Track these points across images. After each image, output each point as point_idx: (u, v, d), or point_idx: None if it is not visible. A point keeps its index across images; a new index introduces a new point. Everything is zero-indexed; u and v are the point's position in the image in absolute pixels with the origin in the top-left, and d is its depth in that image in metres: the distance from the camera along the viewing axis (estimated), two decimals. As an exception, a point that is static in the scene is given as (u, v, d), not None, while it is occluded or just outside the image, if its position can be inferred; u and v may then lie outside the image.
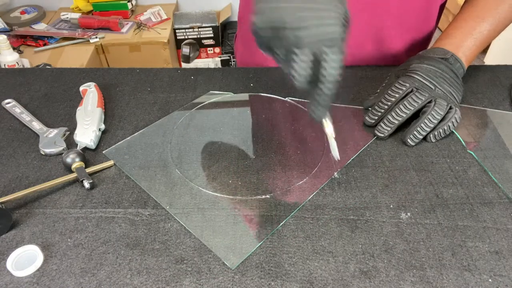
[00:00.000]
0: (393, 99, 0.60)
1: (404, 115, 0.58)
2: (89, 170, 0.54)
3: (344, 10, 0.39)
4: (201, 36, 2.14)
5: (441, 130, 0.58)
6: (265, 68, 0.76)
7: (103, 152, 0.58)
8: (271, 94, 0.69)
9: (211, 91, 0.70)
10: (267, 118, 0.65)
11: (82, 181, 0.53)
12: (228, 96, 0.69)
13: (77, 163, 0.54)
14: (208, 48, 2.20)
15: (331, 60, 0.39)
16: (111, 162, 0.55)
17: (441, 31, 0.69)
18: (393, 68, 0.68)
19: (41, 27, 1.87)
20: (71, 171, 0.54)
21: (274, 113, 0.66)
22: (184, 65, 2.19)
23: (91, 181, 0.52)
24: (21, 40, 1.79)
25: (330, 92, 0.41)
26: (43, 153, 0.58)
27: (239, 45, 0.90)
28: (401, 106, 0.58)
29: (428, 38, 0.80)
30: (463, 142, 0.60)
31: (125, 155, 0.58)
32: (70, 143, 0.60)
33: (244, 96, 0.69)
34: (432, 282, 0.43)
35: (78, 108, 0.64)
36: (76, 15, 1.93)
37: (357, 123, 0.63)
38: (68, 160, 0.54)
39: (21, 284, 0.43)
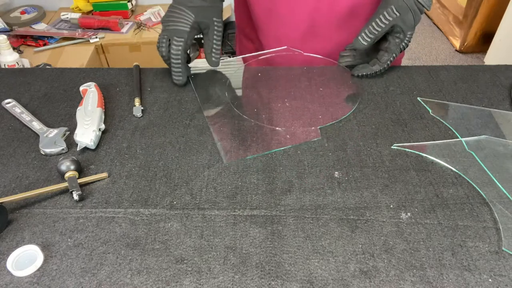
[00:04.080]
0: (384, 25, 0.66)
1: (383, 26, 0.66)
2: (81, 180, 0.53)
3: (195, 18, 0.67)
4: (201, 36, 2.14)
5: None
6: (269, 68, 0.76)
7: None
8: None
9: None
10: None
11: (71, 192, 0.52)
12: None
13: (70, 173, 0.53)
14: (208, 48, 2.20)
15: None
16: (105, 174, 0.55)
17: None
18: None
19: (41, 27, 1.86)
20: (64, 179, 0.53)
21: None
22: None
23: (80, 192, 0.51)
24: (21, 40, 1.79)
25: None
26: (43, 153, 0.58)
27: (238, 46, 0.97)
28: (381, 17, 0.66)
29: None
30: (463, 142, 0.60)
31: (125, 154, 0.58)
32: (70, 143, 0.60)
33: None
34: (432, 282, 0.43)
35: (78, 108, 0.64)
36: (76, 15, 1.93)
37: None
38: (63, 167, 0.53)
39: (21, 284, 0.43)
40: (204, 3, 0.67)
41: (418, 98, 0.68)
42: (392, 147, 0.59)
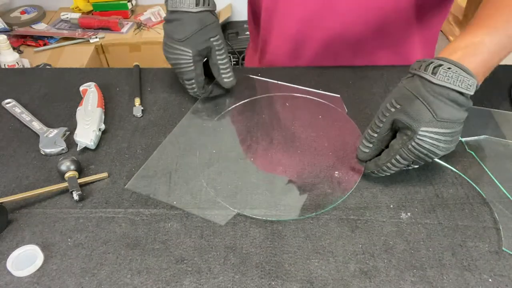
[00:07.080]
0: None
1: (381, 125, 0.50)
2: (81, 180, 0.53)
3: (192, 52, 0.62)
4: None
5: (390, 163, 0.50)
6: (272, 67, 0.76)
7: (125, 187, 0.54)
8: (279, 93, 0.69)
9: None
10: (269, 117, 0.65)
11: (71, 192, 0.52)
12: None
13: (70, 173, 0.53)
14: (208, 48, 2.20)
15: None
16: (105, 174, 0.55)
17: (440, 29, 0.68)
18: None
19: (41, 27, 1.86)
20: (64, 179, 0.53)
21: (274, 112, 0.66)
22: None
23: (80, 192, 0.51)
24: (21, 40, 1.79)
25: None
26: (43, 153, 0.58)
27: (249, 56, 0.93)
28: (379, 115, 0.51)
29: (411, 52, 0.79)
30: (463, 142, 0.60)
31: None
32: (70, 143, 0.60)
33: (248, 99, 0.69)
34: (432, 282, 0.43)
35: (78, 108, 0.64)
36: (76, 15, 1.93)
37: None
38: (63, 167, 0.53)
39: (21, 284, 0.43)
40: (194, 28, 0.61)
41: (418, 98, 0.68)
42: (392, 147, 0.59)
